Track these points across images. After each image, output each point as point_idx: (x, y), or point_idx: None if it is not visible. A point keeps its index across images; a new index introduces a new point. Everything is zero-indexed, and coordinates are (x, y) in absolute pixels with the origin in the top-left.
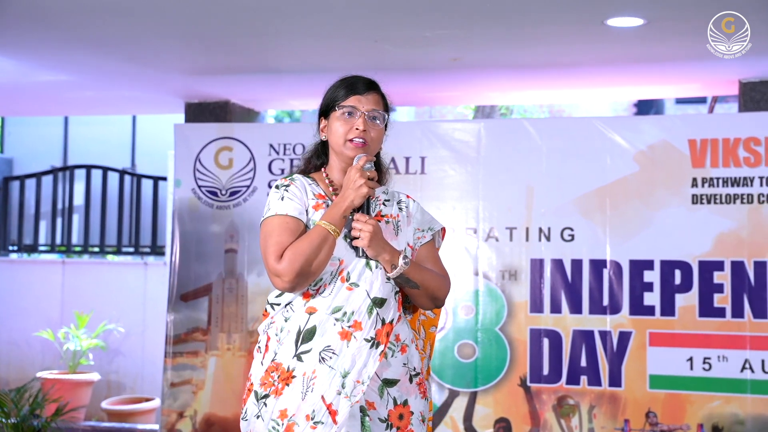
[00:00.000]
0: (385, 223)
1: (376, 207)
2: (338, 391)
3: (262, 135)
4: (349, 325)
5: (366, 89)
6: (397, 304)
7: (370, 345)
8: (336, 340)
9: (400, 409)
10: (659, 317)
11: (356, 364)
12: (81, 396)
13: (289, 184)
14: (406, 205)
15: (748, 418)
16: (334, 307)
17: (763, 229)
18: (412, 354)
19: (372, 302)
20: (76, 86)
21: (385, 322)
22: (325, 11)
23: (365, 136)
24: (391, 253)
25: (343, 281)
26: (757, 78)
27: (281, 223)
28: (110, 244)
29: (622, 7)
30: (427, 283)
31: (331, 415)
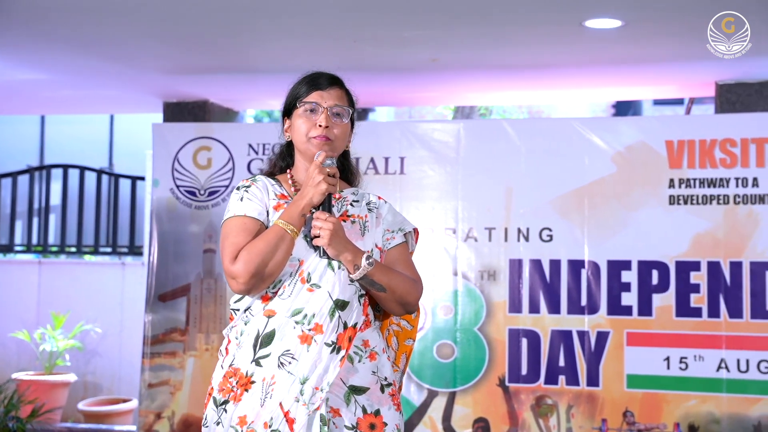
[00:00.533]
0: (351, 223)
1: (342, 207)
2: (296, 398)
3: (241, 135)
4: (310, 328)
5: (328, 84)
6: (362, 308)
7: (331, 349)
8: (296, 344)
9: (372, 418)
10: (636, 317)
11: (316, 369)
12: (57, 397)
13: (249, 185)
14: (376, 206)
15: (724, 417)
16: (294, 309)
17: (738, 229)
18: (383, 363)
19: (334, 304)
20: (53, 85)
21: (347, 325)
22: (304, 11)
23: (328, 133)
24: (354, 253)
25: (304, 282)
26: (733, 80)
27: (238, 224)
28: (87, 244)
29: (600, 9)
30: (394, 286)
31: (288, 423)
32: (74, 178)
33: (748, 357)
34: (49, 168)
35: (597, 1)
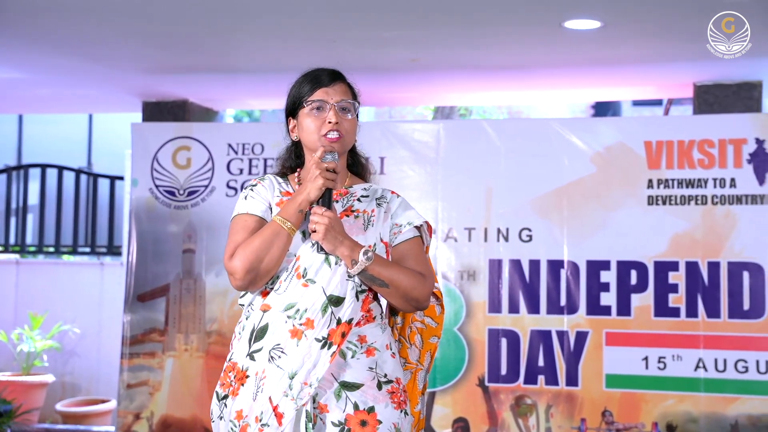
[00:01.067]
0: (354, 218)
1: (348, 202)
2: (285, 392)
3: (221, 135)
4: (301, 323)
5: (331, 80)
6: (361, 304)
7: (321, 345)
8: (286, 339)
9: (363, 415)
10: (615, 317)
11: (305, 364)
12: (35, 398)
13: (256, 184)
14: (386, 201)
15: (701, 416)
16: (287, 304)
17: (716, 229)
18: (383, 360)
19: (327, 300)
20: (30, 84)
21: (341, 321)
22: (284, 11)
23: (338, 128)
24: (351, 248)
25: (299, 278)
26: (711, 81)
27: (240, 222)
28: (66, 244)
29: (579, 10)
30: (396, 281)
31: (276, 417)
32: (52, 178)
33: (726, 356)
34: (27, 167)
35: (576, 2)
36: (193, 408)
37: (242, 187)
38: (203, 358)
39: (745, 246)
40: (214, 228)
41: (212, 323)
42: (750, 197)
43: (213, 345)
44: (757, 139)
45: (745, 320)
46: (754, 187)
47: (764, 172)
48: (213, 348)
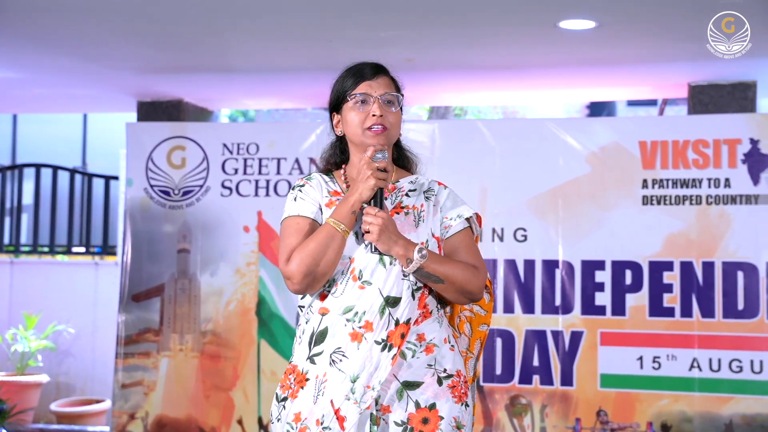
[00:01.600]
0: (405, 215)
1: (397, 198)
2: (347, 396)
3: (216, 134)
4: (360, 325)
5: (374, 73)
6: (417, 303)
7: (381, 347)
8: (346, 342)
9: (425, 412)
10: (610, 317)
11: (366, 367)
12: (29, 398)
13: (303, 184)
14: (434, 193)
15: (696, 415)
16: (345, 307)
17: (710, 229)
18: (442, 355)
19: (384, 301)
20: (25, 83)
21: (399, 322)
22: (279, 11)
23: (383, 122)
24: (405, 247)
25: (355, 280)
26: (705, 81)
27: (292, 225)
28: (60, 243)
29: (574, 10)
30: (452, 277)
31: (338, 420)
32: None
33: (720, 356)
34: (22, 167)
35: (571, 3)
36: (188, 408)
37: (290, 187)
38: (198, 358)
39: (740, 246)
40: (209, 228)
41: (207, 323)
42: (744, 197)
43: (208, 345)
44: (751, 140)
45: (740, 320)
46: (749, 187)
47: (759, 172)
48: (208, 348)
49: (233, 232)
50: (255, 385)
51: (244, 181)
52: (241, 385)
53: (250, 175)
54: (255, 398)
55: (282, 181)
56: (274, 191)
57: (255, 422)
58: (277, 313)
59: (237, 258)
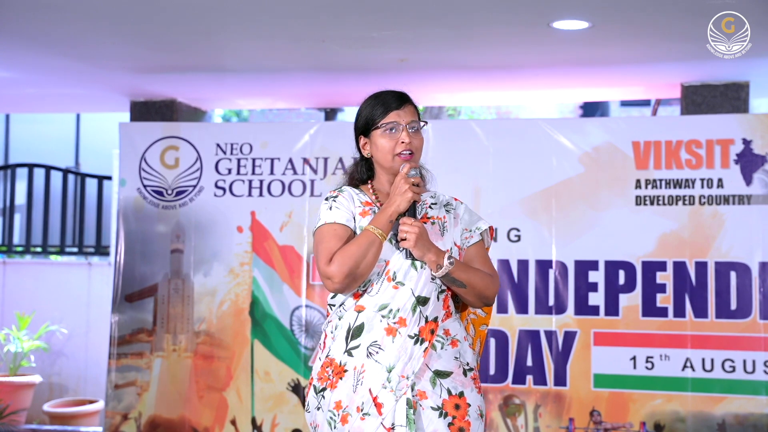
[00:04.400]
0: (431, 225)
1: (422, 210)
2: (383, 384)
3: (209, 134)
4: (395, 321)
5: (401, 103)
6: (442, 303)
7: (414, 341)
8: (382, 336)
9: (456, 399)
10: (603, 317)
11: (401, 358)
12: (22, 399)
13: (337, 195)
14: (453, 207)
15: (689, 415)
16: (381, 304)
17: (703, 230)
18: (465, 350)
19: (416, 300)
20: (18, 83)
21: (428, 319)
22: (272, 10)
23: (410, 147)
24: (437, 254)
25: (390, 280)
26: (698, 81)
27: (330, 231)
28: (53, 244)
29: (567, 10)
30: (473, 282)
31: (376, 407)
32: (40, 178)
33: (713, 356)
34: (15, 167)
35: (564, 3)
36: (181, 408)
37: (325, 198)
38: (191, 358)
39: (732, 246)
40: (202, 228)
41: (200, 323)
42: (737, 197)
43: (201, 345)
44: (744, 140)
45: (732, 320)
46: (741, 188)
47: (751, 172)
48: (201, 348)
49: (227, 232)
50: (248, 385)
51: (237, 181)
52: (235, 385)
53: (243, 175)
54: (248, 398)
55: (275, 181)
56: (268, 191)
57: (248, 422)
58: (271, 314)
59: (230, 258)
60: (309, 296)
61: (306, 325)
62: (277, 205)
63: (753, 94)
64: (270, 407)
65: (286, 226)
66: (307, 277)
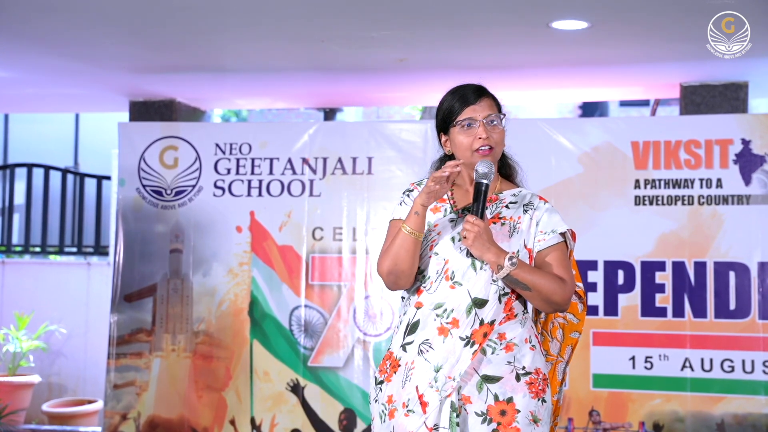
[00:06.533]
0: (501, 225)
1: (497, 208)
2: (430, 383)
3: (208, 134)
4: (448, 321)
5: (477, 97)
6: (503, 306)
7: (464, 343)
8: (434, 335)
9: (503, 405)
10: (603, 317)
11: (449, 359)
12: (21, 398)
13: (412, 189)
14: (533, 207)
15: (688, 415)
16: (437, 303)
17: (702, 230)
18: (522, 354)
19: (472, 302)
20: (17, 83)
21: (483, 322)
22: (271, 10)
23: (489, 142)
24: (497, 255)
25: (447, 279)
26: (697, 81)
27: (391, 228)
28: (52, 244)
29: (566, 11)
30: (538, 286)
31: (421, 405)
32: (39, 178)
33: (712, 356)
34: (13, 167)
35: (564, 3)
36: (180, 408)
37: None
38: (190, 358)
39: (732, 246)
40: (201, 228)
41: (199, 323)
42: (736, 197)
43: (200, 345)
44: (743, 140)
45: (731, 320)
46: (740, 188)
47: (750, 172)
48: (200, 348)
49: (226, 232)
50: (247, 385)
51: (236, 181)
52: (234, 385)
53: (242, 175)
54: (247, 398)
55: (274, 181)
56: (267, 191)
57: (248, 422)
58: (270, 314)
59: (229, 258)
60: (308, 296)
61: (305, 325)
62: (277, 205)
63: (752, 94)
64: (269, 407)
65: (285, 226)
66: (306, 277)
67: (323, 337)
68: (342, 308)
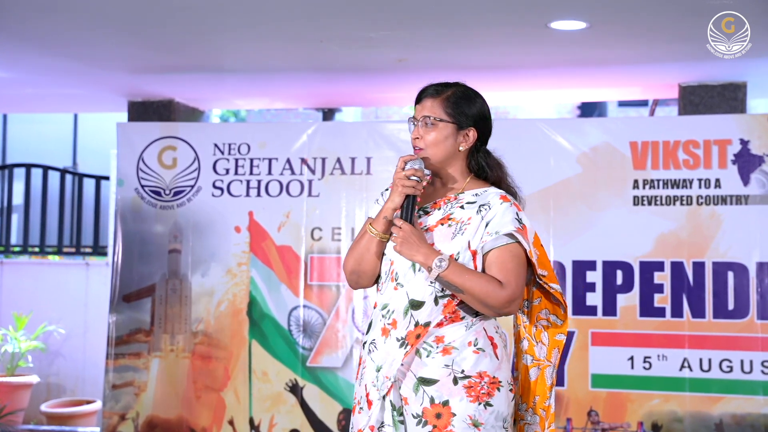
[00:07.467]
0: (447, 226)
1: (449, 209)
2: (373, 382)
3: (207, 134)
4: (389, 322)
5: (421, 97)
6: (442, 308)
7: (399, 344)
8: (378, 335)
9: (439, 408)
10: (601, 317)
11: (387, 360)
12: (19, 399)
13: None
14: (489, 208)
15: (686, 415)
16: (383, 304)
17: (701, 230)
18: (463, 357)
19: (409, 303)
20: (15, 83)
21: (418, 324)
22: (270, 11)
23: (418, 143)
24: (426, 256)
25: (393, 281)
26: (696, 82)
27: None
28: (51, 244)
29: (565, 11)
30: (469, 289)
31: (367, 403)
32: (37, 178)
33: (711, 356)
34: (12, 167)
35: (562, 3)
36: (179, 409)
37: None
38: (189, 358)
39: (730, 246)
40: (200, 228)
41: (198, 323)
42: (735, 198)
43: (199, 345)
44: (741, 140)
45: (730, 320)
46: (739, 188)
47: (749, 172)
48: (199, 348)
49: (224, 232)
50: (246, 385)
51: (235, 182)
52: (233, 385)
53: (241, 175)
54: (246, 399)
55: (273, 181)
56: (266, 191)
57: (246, 423)
58: (269, 314)
59: (228, 258)
60: (307, 296)
61: (304, 326)
62: (275, 206)
63: (750, 94)
64: (268, 407)
65: (284, 226)
66: (305, 278)
67: (322, 338)
68: (341, 308)
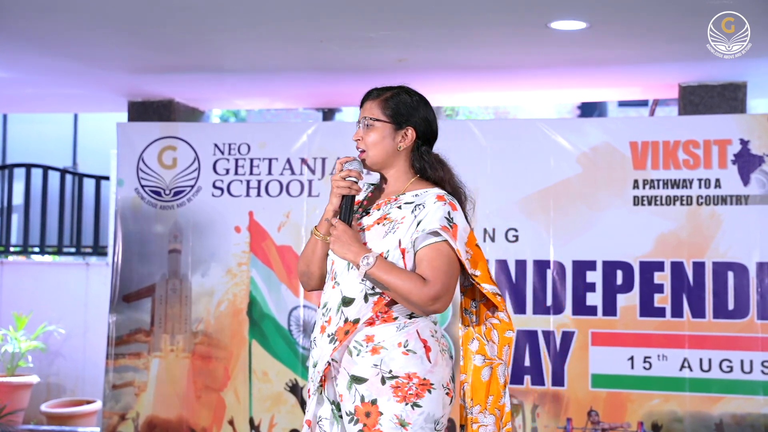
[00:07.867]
0: (382, 226)
1: (388, 209)
2: (312, 378)
3: (207, 135)
4: (326, 320)
5: (365, 99)
6: (371, 306)
7: (329, 340)
8: (318, 333)
9: (368, 407)
10: (601, 317)
11: (320, 356)
12: (19, 399)
13: None
14: (423, 207)
15: (687, 415)
16: (324, 302)
17: (701, 230)
18: (391, 357)
19: (341, 300)
20: (15, 83)
21: (348, 320)
22: (270, 11)
23: (360, 145)
24: (355, 255)
25: (332, 279)
26: (696, 82)
27: None
28: (51, 244)
29: (565, 11)
30: (393, 286)
31: (309, 397)
32: (37, 178)
33: (711, 356)
34: (12, 167)
35: (562, 3)
36: (179, 409)
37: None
38: (189, 358)
39: (730, 246)
40: (200, 228)
41: (198, 323)
42: (735, 198)
43: (199, 345)
44: (741, 140)
45: (730, 320)
46: (739, 188)
47: (749, 172)
48: (199, 348)
49: (224, 232)
50: (246, 385)
51: (235, 182)
52: (233, 385)
53: (241, 175)
54: (246, 399)
55: (273, 181)
56: (266, 191)
57: (246, 423)
58: (269, 314)
59: (228, 258)
60: (307, 296)
61: (304, 326)
62: (275, 206)
63: (750, 94)
64: (268, 407)
65: (284, 226)
66: None
67: None
68: None
